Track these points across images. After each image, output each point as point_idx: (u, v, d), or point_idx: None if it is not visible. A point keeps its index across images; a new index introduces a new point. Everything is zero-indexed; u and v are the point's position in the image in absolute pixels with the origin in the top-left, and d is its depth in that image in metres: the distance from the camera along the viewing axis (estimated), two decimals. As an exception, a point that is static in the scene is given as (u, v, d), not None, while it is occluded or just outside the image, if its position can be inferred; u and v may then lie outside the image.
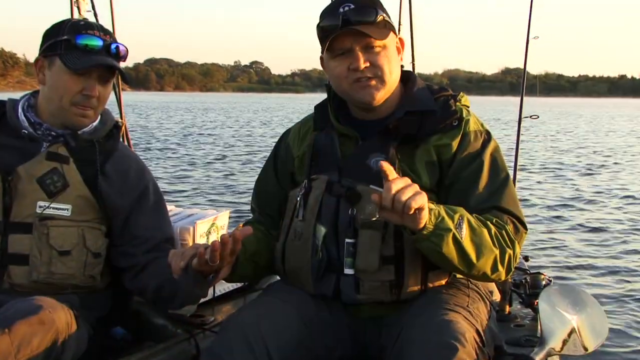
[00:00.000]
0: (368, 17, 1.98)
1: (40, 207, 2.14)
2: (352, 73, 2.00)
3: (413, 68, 5.19)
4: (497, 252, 1.89)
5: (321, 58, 2.10)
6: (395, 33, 2.08)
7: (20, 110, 2.25)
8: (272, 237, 2.21)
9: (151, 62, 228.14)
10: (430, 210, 1.78)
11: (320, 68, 2.14)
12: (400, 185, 1.70)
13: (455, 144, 2.03)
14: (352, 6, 1.98)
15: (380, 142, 2.02)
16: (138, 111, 45.50)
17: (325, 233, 2.01)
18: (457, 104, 2.10)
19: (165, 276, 2.09)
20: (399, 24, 5.03)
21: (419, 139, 2.02)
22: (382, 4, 2.05)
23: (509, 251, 1.92)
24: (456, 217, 1.83)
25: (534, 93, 5.18)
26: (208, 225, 2.92)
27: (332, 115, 2.15)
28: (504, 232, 1.93)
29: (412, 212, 1.69)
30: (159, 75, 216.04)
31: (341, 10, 1.99)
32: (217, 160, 16.61)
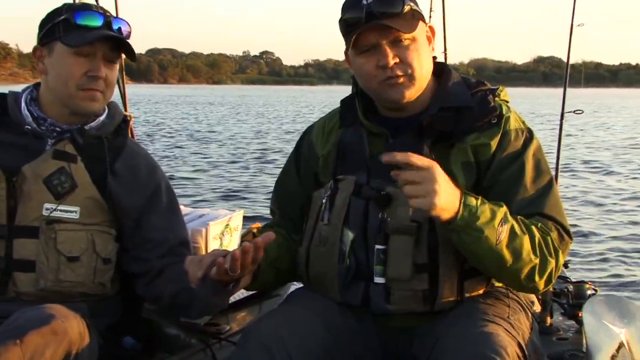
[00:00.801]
0: (394, 8, 1.95)
1: (47, 209, 2.13)
2: (382, 71, 1.98)
3: (445, 58, 5.12)
4: (536, 261, 1.87)
5: (346, 54, 2.08)
6: (424, 21, 2.05)
7: (23, 104, 2.24)
8: (293, 242, 2.21)
9: (153, 52, 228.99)
10: (465, 203, 1.78)
11: (335, 58, 2.25)
12: (410, 177, 1.74)
13: (494, 143, 2.00)
14: None
15: (412, 141, 2.00)
16: (140, 105, 45.65)
17: (353, 238, 2.00)
18: (497, 99, 2.08)
19: (182, 283, 2.08)
20: (430, 10, 4.99)
21: (454, 138, 2.00)
22: None
23: (551, 261, 1.90)
24: (498, 217, 1.82)
25: (574, 84, 5.08)
26: (221, 227, 2.91)
27: (360, 111, 2.13)
28: (549, 239, 1.91)
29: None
30: (162, 66, 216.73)
31: (364, 2, 1.96)
32: (224, 158, 16.64)
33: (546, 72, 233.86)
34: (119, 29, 2.20)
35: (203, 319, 2.63)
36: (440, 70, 2.14)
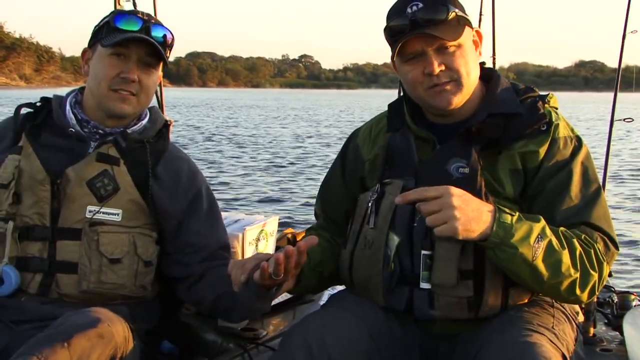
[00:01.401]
0: (439, 15, 1.95)
1: (90, 211, 2.16)
2: (428, 78, 1.98)
3: (494, 63, 5.01)
4: (576, 275, 1.85)
5: (392, 60, 2.08)
6: (471, 26, 2.04)
7: (67, 107, 2.28)
8: (336, 245, 2.21)
9: (193, 56, 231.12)
10: (499, 220, 1.79)
11: (374, 62, 2.25)
12: (430, 207, 1.79)
13: (542, 151, 1.98)
14: (421, 5, 1.95)
15: (460, 146, 1.99)
16: (179, 109, 46.07)
17: (399, 243, 2.00)
18: (546, 106, 2.06)
19: (224, 288, 2.09)
20: (480, 14, 4.91)
21: (502, 145, 1.99)
22: None
23: (594, 275, 1.88)
24: (534, 233, 1.81)
25: (622, 88, 4.92)
26: (257, 232, 2.93)
27: (407, 116, 2.13)
28: (592, 252, 1.88)
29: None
30: (202, 70, 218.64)
31: (409, 10, 1.96)
32: (261, 162, 16.68)
33: (588, 77, 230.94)
34: (164, 36, 2.23)
35: (240, 324, 2.63)
36: (489, 75, 2.13)
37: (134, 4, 4.29)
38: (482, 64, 2.11)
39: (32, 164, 2.18)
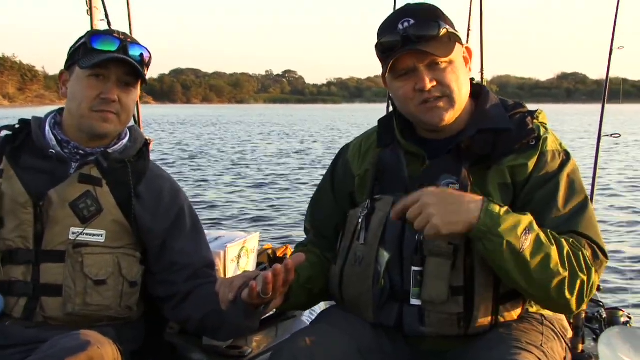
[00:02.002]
0: (430, 32, 1.96)
1: (73, 233, 2.14)
2: (419, 94, 1.98)
3: (482, 78, 5.04)
4: (565, 274, 1.84)
5: (383, 76, 2.08)
6: (461, 43, 2.05)
7: (47, 128, 2.26)
8: (326, 261, 2.21)
9: (177, 72, 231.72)
10: (486, 209, 1.79)
11: (358, 77, 2.24)
12: (411, 213, 1.80)
13: (531, 164, 1.99)
14: (412, 21, 1.96)
15: (450, 163, 2.00)
16: (162, 126, 46.02)
17: (389, 259, 1.99)
18: (535, 121, 2.07)
19: (211, 306, 2.09)
20: (468, 30, 4.92)
21: (492, 160, 1.99)
22: (444, 14, 2.03)
23: (582, 277, 1.86)
24: (522, 225, 1.81)
25: (598, 99, 4.93)
26: (238, 249, 2.93)
27: (398, 132, 2.13)
28: (580, 254, 1.88)
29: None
30: (186, 86, 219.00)
31: (400, 26, 1.97)
32: (241, 179, 16.62)
33: (570, 89, 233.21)
34: (141, 54, 2.22)
35: (225, 342, 2.62)
36: (478, 91, 2.13)
37: (109, 24, 4.31)
38: (471, 79, 2.12)
39: (14, 186, 2.16)
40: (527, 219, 1.83)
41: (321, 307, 3.13)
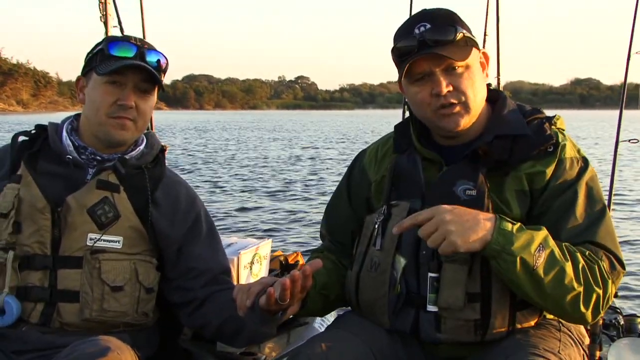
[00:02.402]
0: (447, 36, 1.95)
1: (90, 239, 2.14)
2: (436, 99, 1.98)
3: (498, 83, 4.98)
4: (580, 289, 1.83)
5: (399, 81, 2.08)
6: (477, 48, 2.04)
7: (64, 134, 2.27)
8: (342, 267, 2.22)
9: (190, 78, 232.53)
10: (499, 227, 1.79)
11: (370, 82, 2.23)
12: (426, 229, 1.80)
13: (549, 171, 1.98)
14: (429, 25, 1.96)
15: (467, 168, 1.99)
16: (175, 131, 46.15)
17: (405, 265, 1.99)
18: (553, 127, 2.06)
19: (228, 312, 2.09)
20: (485, 35, 4.88)
21: (509, 166, 1.98)
22: (461, 19, 2.02)
23: (598, 291, 1.86)
24: (536, 242, 1.80)
25: (612, 105, 4.84)
26: (251, 255, 2.93)
27: (414, 137, 2.12)
28: (596, 267, 1.87)
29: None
30: (198, 92, 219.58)
31: (417, 31, 1.97)
32: (254, 186, 16.59)
33: (584, 94, 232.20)
34: (158, 60, 2.22)
35: (239, 349, 2.61)
36: (495, 97, 2.12)
37: (121, 30, 4.32)
38: (488, 85, 2.11)
39: (32, 192, 2.16)
40: (540, 234, 1.83)
41: (333, 314, 3.14)
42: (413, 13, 2.11)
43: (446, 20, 1.98)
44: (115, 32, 4.36)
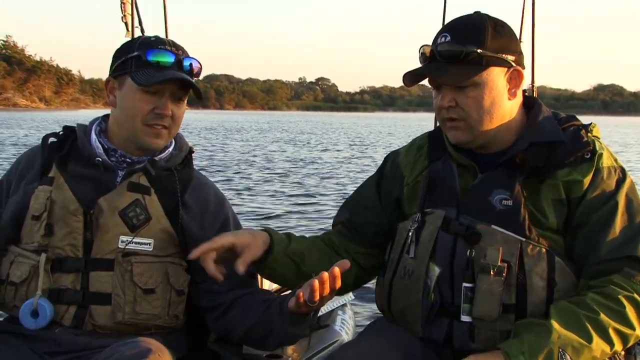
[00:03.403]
0: (457, 53, 1.94)
1: (122, 242, 2.14)
2: (442, 110, 2.00)
3: (533, 89, 4.82)
4: (618, 346, 1.85)
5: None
6: (505, 65, 1.98)
7: (93, 136, 2.26)
8: (334, 254, 2.21)
9: (211, 78, 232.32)
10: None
11: (391, 85, 2.17)
12: None
13: (587, 180, 1.95)
14: (448, 38, 1.96)
15: (503, 177, 1.98)
16: (195, 131, 46.19)
17: (439, 274, 1.98)
18: (589, 134, 2.03)
19: (255, 317, 2.08)
20: (520, 41, 4.81)
21: (545, 173, 1.96)
22: (490, 31, 1.97)
23: (633, 334, 1.86)
24: (555, 353, 1.78)
25: (635, 111, 4.79)
26: None
27: (448, 144, 2.11)
28: (626, 312, 1.85)
29: None
30: (219, 92, 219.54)
31: (438, 40, 1.98)
32: (274, 187, 16.55)
33: (606, 100, 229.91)
34: (190, 65, 2.21)
35: (264, 352, 2.61)
36: (531, 103, 2.10)
37: (142, 31, 4.33)
38: (523, 92, 2.08)
39: (64, 194, 2.17)
40: (553, 343, 1.78)
41: (349, 317, 3.16)
42: (447, 16, 2.09)
43: (467, 34, 1.95)
44: (136, 32, 4.38)
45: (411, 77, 2.03)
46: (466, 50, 1.93)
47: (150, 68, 2.15)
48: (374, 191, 2.28)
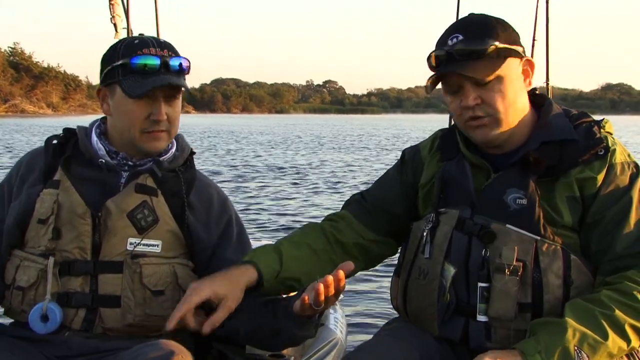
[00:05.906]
0: (476, 50, 1.93)
1: (131, 244, 2.14)
2: (465, 111, 1.97)
3: (547, 88, 4.82)
4: (632, 345, 1.82)
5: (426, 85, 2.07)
6: (517, 56, 1.99)
7: (94, 137, 2.26)
8: (331, 251, 2.21)
9: (218, 82, 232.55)
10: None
11: (398, 87, 2.15)
12: None
13: (600, 177, 1.94)
14: (461, 37, 1.95)
15: (517, 176, 1.97)
16: (200, 135, 46.28)
17: (455, 274, 1.98)
18: (602, 131, 2.02)
19: (259, 320, 2.08)
20: (533, 40, 4.77)
21: (558, 171, 1.95)
22: (501, 25, 1.98)
23: None
24: (571, 347, 1.77)
25: None
26: None
27: (461, 143, 2.10)
28: None
29: None
30: (226, 96, 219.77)
31: (449, 42, 1.96)
32: (278, 190, 16.57)
33: (614, 100, 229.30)
34: (180, 64, 2.17)
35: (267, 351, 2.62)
36: (540, 102, 2.09)
37: (128, 32, 4.32)
38: (533, 89, 2.08)
39: (71, 197, 2.15)
40: (569, 340, 1.77)
41: (340, 316, 3.15)
42: (460, 14, 2.07)
43: (480, 31, 1.95)
44: (123, 34, 4.38)
45: (430, 83, 2.01)
46: (487, 45, 1.93)
47: (137, 75, 2.12)
48: (396, 175, 2.28)
